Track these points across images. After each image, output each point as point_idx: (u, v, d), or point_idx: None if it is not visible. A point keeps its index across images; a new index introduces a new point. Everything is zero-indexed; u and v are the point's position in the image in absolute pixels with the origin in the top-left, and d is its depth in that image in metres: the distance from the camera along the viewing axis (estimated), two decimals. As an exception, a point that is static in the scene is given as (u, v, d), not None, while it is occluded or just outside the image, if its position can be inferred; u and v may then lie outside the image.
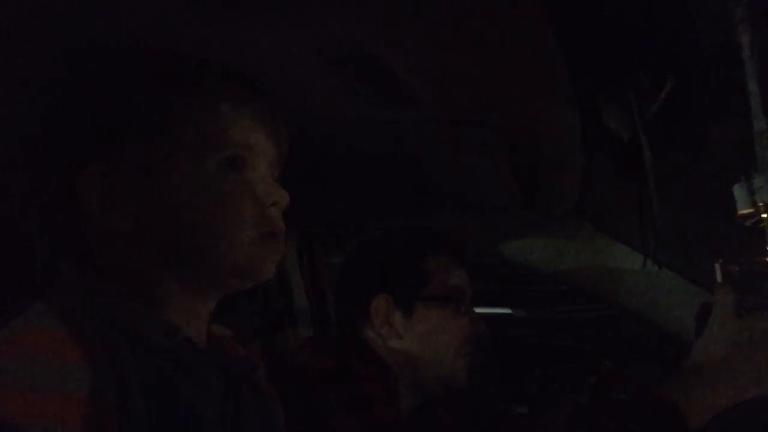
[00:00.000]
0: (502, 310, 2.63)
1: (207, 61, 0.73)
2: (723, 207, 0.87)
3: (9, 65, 0.60)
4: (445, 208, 1.43)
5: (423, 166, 1.22)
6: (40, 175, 0.65)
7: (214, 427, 0.67)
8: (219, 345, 0.78)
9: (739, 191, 0.84)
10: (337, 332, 1.26)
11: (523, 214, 1.43)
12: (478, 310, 1.31)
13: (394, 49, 0.82)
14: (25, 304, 0.63)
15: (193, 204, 0.69)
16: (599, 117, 1.04)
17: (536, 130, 1.07)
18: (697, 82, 0.98)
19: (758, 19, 0.79)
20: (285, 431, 0.83)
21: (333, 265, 1.71)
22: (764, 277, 0.93)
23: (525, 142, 1.10)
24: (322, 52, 0.81)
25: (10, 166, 0.59)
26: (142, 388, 0.61)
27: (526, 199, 1.32)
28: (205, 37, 0.73)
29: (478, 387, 1.33)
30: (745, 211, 0.84)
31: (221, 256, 0.69)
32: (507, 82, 0.92)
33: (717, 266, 0.95)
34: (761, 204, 0.82)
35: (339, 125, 1.05)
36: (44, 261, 0.70)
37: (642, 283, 1.52)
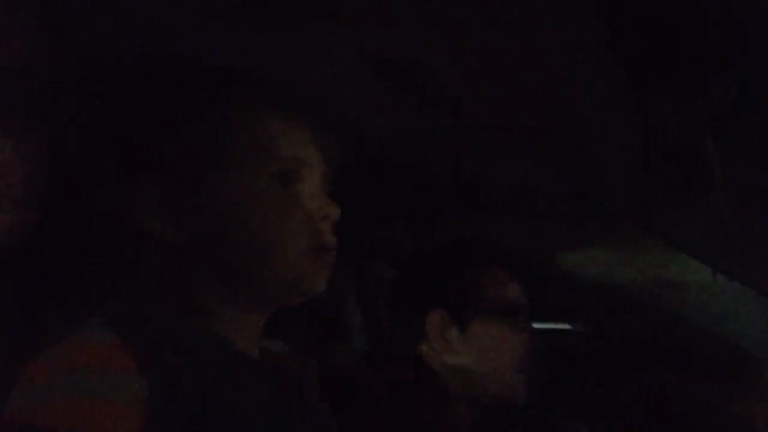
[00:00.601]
0: (560, 325, 2.56)
1: (257, 75, 0.73)
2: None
3: (60, 76, 0.61)
4: (499, 219, 1.40)
5: (475, 177, 1.20)
6: (94, 189, 0.66)
7: None
8: (271, 359, 0.78)
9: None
10: (391, 348, 1.24)
11: (580, 225, 1.39)
12: (534, 324, 1.28)
13: (441, 56, 0.81)
14: (82, 317, 0.64)
15: (244, 218, 0.69)
16: (662, 121, 1.00)
17: (593, 135, 1.03)
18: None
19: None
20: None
21: (385, 281, 1.70)
22: None
23: (581, 148, 1.07)
24: (367, 61, 0.80)
25: (64, 181, 0.60)
26: (194, 401, 0.61)
27: (583, 208, 1.28)
28: (251, 51, 0.73)
29: (536, 404, 1.30)
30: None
31: (272, 270, 0.69)
32: (560, 86, 0.89)
33: None
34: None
35: (387, 136, 1.04)
36: (99, 275, 0.70)
37: (707, 295, 1.45)
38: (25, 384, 0.58)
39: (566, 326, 2.72)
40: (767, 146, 1.04)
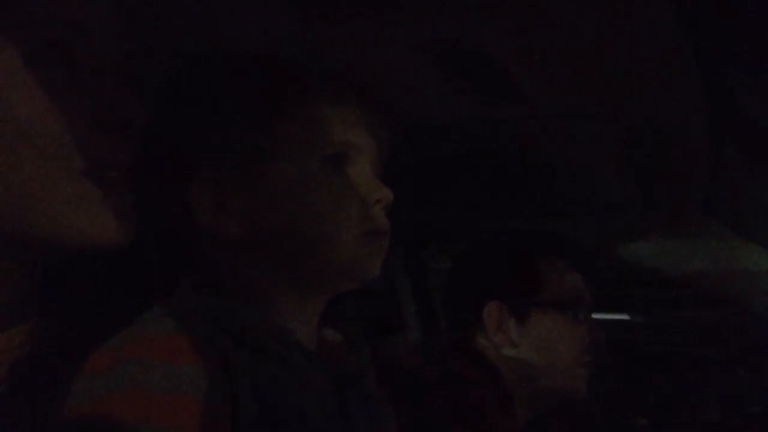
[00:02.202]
0: (621, 315, 2.50)
1: (308, 63, 0.72)
2: None
3: (120, 71, 0.62)
4: (559, 209, 1.37)
5: (534, 166, 1.17)
6: (152, 183, 0.67)
7: (320, 429, 0.67)
8: (328, 349, 0.78)
9: None
10: (448, 339, 1.23)
11: (644, 214, 1.35)
12: (595, 315, 1.25)
13: (503, 45, 0.78)
14: (141, 309, 0.65)
15: (298, 204, 0.69)
16: (733, 104, 0.96)
17: (658, 121, 0.99)
18: None
19: None
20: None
21: (440, 271, 1.69)
22: None
23: (646, 135, 1.03)
24: (427, 50, 0.78)
25: (123, 174, 0.61)
26: (253, 391, 0.62)
27: (647, 197, 1.24)
28: (307, 39, 0.72)
29: (596, 397, 1.27)
30: None
31: (326, 254, 0.69)
32: (628, 72, 0.86)
33: None
34: None
35: (445, 125, 1.02)
36: (158, 267, 0.71)
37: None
38: (86, 374, 0.59)
39: (626, 317, 2.66)
40: None
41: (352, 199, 0.70)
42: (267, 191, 0.69)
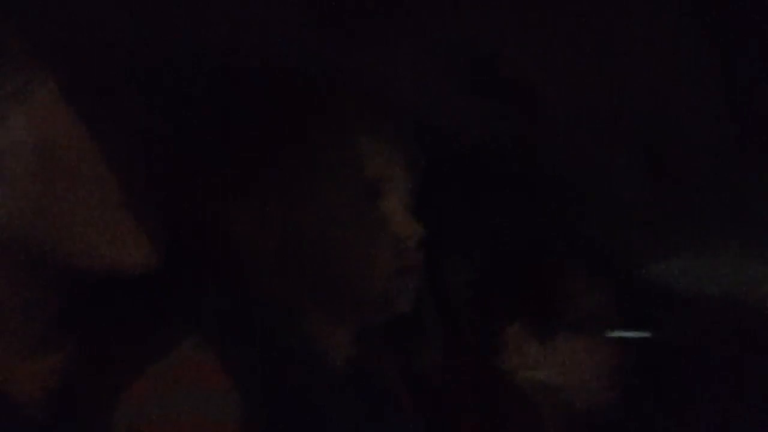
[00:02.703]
0: (647, 334, 2.47)
1: (345, 90, 0.73)
2: None
3: (157, 91, 0.63)
4: (585, 225, 1.36)
5: (565, 182, 1.16)
6: (194, 200, 0.68)
7: None
8: (358, 370, 0.77)
9: None
10: (472, 361, 1.22)
11: (672, 229, 1.33)
12: (622, 334, 1.23)
13: (529, 58, 0.78)
14: (180, 330, 0.65)
15: (331, 236, 0.69)
16: (757, 120, 0.94)
17: (685, 135, 0.98)
18: None
19: None
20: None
21: (463, 283, 1.67)
22: None
23: (674, 150, 1.02)
24: (455, 66, 0.79)
25: (161, 189, 0.62)
26: (289, 413, 0.62)
27: (675, 212, 1.22)
28: (338, 60, 0.73)
29: (627, 419, 1.25)
30: None
31: (357, 288, 0.69)
32: (652, 80, 0.85)
33: None
34: None
35: (468, 139, 1.02)
36: (194, 287, 0.71)
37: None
38: (128, 403, 0.59)
39: (649, 335, 2.63)
40: None
41: (384, 236, 0.70)
42: (302, 221, 0.70)
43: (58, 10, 0.56)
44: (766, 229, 1.29)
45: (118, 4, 0.61)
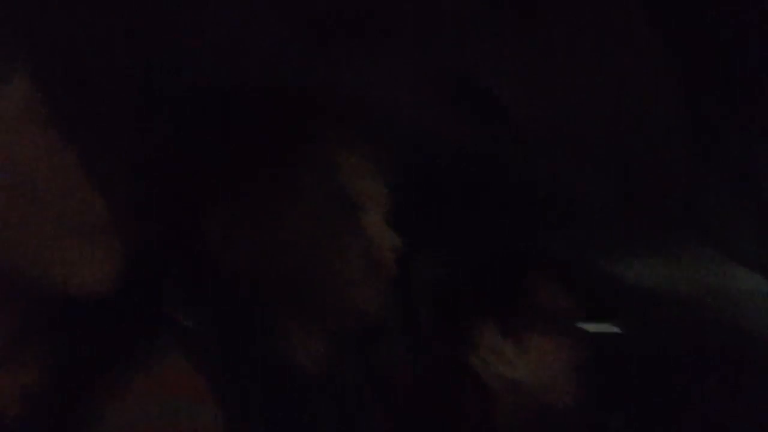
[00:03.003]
0: (614, 328, 2.51)
1: (324, 106, 0.74)
2: None
3: (138, 110, 0.63)
4: (549, 227, 1.39)
5: (529, 186, 1.19)
6: (170, 217, 0.69)
7: None
8: (329, 373, 0.79)
9: None
10: (440, 359, 1.24)
11: (636, 234, 1.36)
12: (589, 327, 1.26)
13: (495, 73, 0.80)
14: (161, 340, 0.66)
15: (307, 246, 0.70)
16: (718, 128, 0.98)
17: (649, 143, 1.01)
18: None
19: None
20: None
21: (427, 282, 1.68)
22: None
23: (638, 157, 1.05)
24: (431, 81, 0.80)
25: (142, 209, 0.63)
26: (264, 417, 0.63)
27: (639, 217, 1.25)
28: (316, 77, 0.74)
29: (596, 413, 1.28)
30: None
31: (332, 296, 0.71)
32: (616, 94, 0.87)
33: None
34: None
35: (442, 149, 1.04)
36: (175, 299, 0.72)
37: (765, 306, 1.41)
38: (113, 414, 0.60)
39: (617, 330, 2.67)
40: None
41: (361, 246, 0.71)
42: (279, 231, 0.71)
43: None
44: (729, 227, 1.33)
45: (113, 21, 0.61)
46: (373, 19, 0.67)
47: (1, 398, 0.59)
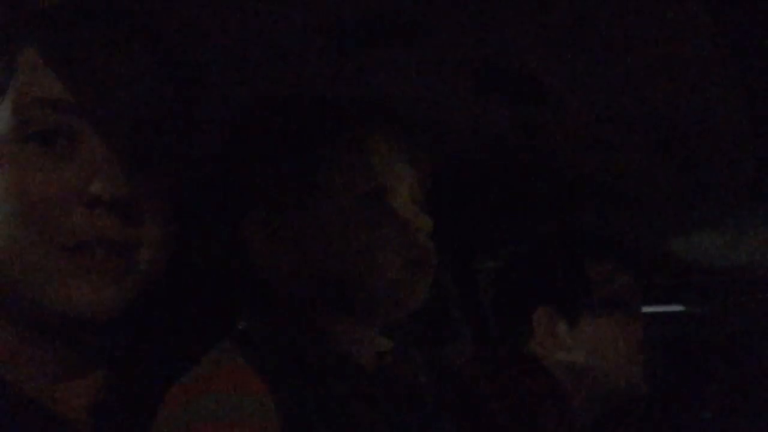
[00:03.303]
0: (677, 307, 2.46)
1: (345, 96, 0.75)
2: None
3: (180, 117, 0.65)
4: (604, 210, 1.36)
5: (574, 170, 1.17)
6: (211, 224, 0.70)
7: None
8: (388, 368, 0.79)
9: None
10: (501, 347, 1.24)
11: (689, 211, 1.33)
12: (650, 309, 1.23)
13: (540, 59, 0.79)
14: (210, 344, 0.67)
15: (341, 237, 0.71)
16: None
17: (701, 120, 0.98)
18: None
19: None
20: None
21: (487, 271, 1.68)
22: None
23: (689, 136, 1.02)
24: (463, 67, 0.80)
25: (188, 216, 0.64)
26: (322, 416, 0.64)
27: (691, 191, 1.22)
28: (347, 72, 0.74)
29: (658, 394, 1.25)
30: None
31: (372, 285, 0.71)
32: (667, 74, 0.85)
33: None
34: None
35: (486, 137, 1.03)
36: (222, 303, 0.74)
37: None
38: (165, 412, 0.62)
39: (682, 308, 2.61)
40: None
41: (393, 229, 0.72)
42: (313, 228, 0.72)
43: None
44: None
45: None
46: (405, 14, 0.67)
47: (72, 401, 0.61)
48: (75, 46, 0.60)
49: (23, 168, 0.58)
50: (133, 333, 0.66)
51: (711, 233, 1.45)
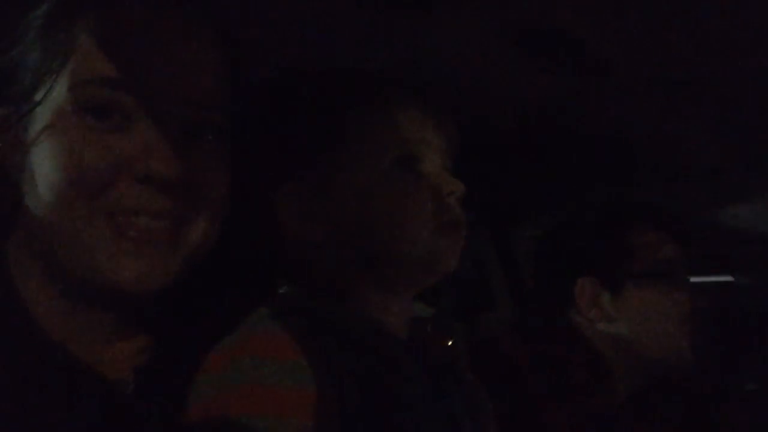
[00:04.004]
0: (724, 278, 2.40)
1: (376, 66, 0.74)
2: None
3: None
4: (650, 178, 1.33)
5: (622, 136, 1.14)
6: (247, 199, 0.71)
7: (421, 416, 0.69)
8: (421, 336, 0.79)
9: None
10: (542, 318, 1.22)
11: (744, 179, 1.29)
12: (696, 279, 1.20)
13: (585, 23, 0.77)
14: (250, 310, 0.68)
15: (374, 205, 0.71)
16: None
17: (752, 86, 0.94)
18: None
19: None
20: (493, 420, 0.83)
21: (526, 239, 1.66)
22: None
23: (742, 101, 0.98)
24: (509, 32, 0.78)
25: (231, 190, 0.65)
26: (355, 381, 0.64)
27: (745, 162, 1.18)
28: (382, 37, 0.73)
29: (703, 365, 1.23)
30: None
31: (405, 250, 0.71)
32: (716, 36, 0.82)
33: None
34: None
35: (529, 103, 1.01)
36: (259, 273, 0.75)
37: None
38: (205, 375, 0.63)
39: (730, 278, 2.54)
40: None
41: (425, 195, 0.72)
42: (345, 197, 0.72)
43: None
44: None
45: None
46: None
47: (118, 363, 0.63)
48: (129, 25, 0.61)
49: (77, 138, 0.59)
50: (174, 300, 0.67)
51: (759, 203, 1.41)
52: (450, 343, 0.84)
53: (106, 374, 0.62)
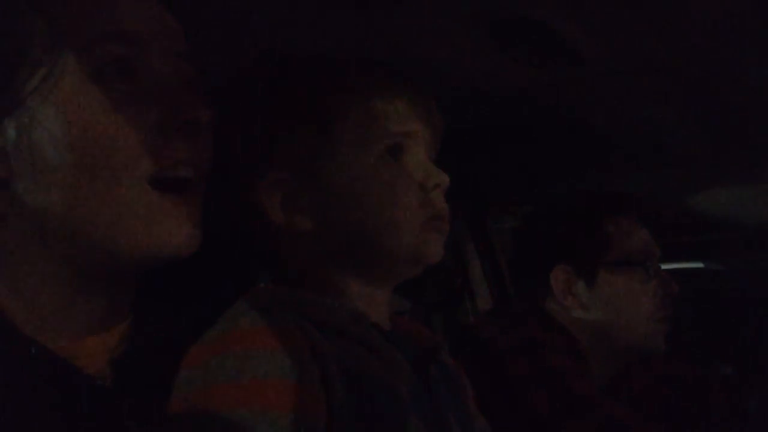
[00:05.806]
0: (696, 264, 2.44)
1: (358, 57, 0.73)
2: None
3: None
4: (623, 166, 1.35)
5: (594, 125, 1.15)
6: (226, 186, 0.70)
7: (407, 404, 0.69)
8: (402, 327, 0.80)
9: None
10: (519, 305, 1.23)
11: (717, 166, 1.31)
12: (667, 266, 1.22)
13: (558, 12, 0.77)
14: (229, 303, 0.68)
15: (359, 196, 0.71)
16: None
17: (725, 73, 0.96)
18: None
19: None
20: (473, 406, 0.84)
21: (504, 230, 1.68)
22: None
23: (714, 89, 1.00)
24: (478, 23, 0.78)
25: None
26: (340, 372, 0.64)
27: (717, 148, 1.20)
28: (362, 30, 0.73)
29: (677, 350, 1.25)
30: None
31: (390, 242, 0.71)
32: (690, 27, 0.83)
33: None
34: None
35: (503, 92, 1.02)
36: (239, 264, 0.75)
37: None
38: (186, 369, 0.62)
39: (700, 265, 2.59)
40: None
41: (410, 187, 0.72)
42: (330, 187, 0.71)
43: None
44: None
45: None
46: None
47: (96, 356, 0.62)
48: None
49: (96, 105, 0.59)
50: (154, 291, 0.66)
51: (731, 190, 1.43)
52: (431, 330, 0.84)
53: (82, 367, 0.62)
